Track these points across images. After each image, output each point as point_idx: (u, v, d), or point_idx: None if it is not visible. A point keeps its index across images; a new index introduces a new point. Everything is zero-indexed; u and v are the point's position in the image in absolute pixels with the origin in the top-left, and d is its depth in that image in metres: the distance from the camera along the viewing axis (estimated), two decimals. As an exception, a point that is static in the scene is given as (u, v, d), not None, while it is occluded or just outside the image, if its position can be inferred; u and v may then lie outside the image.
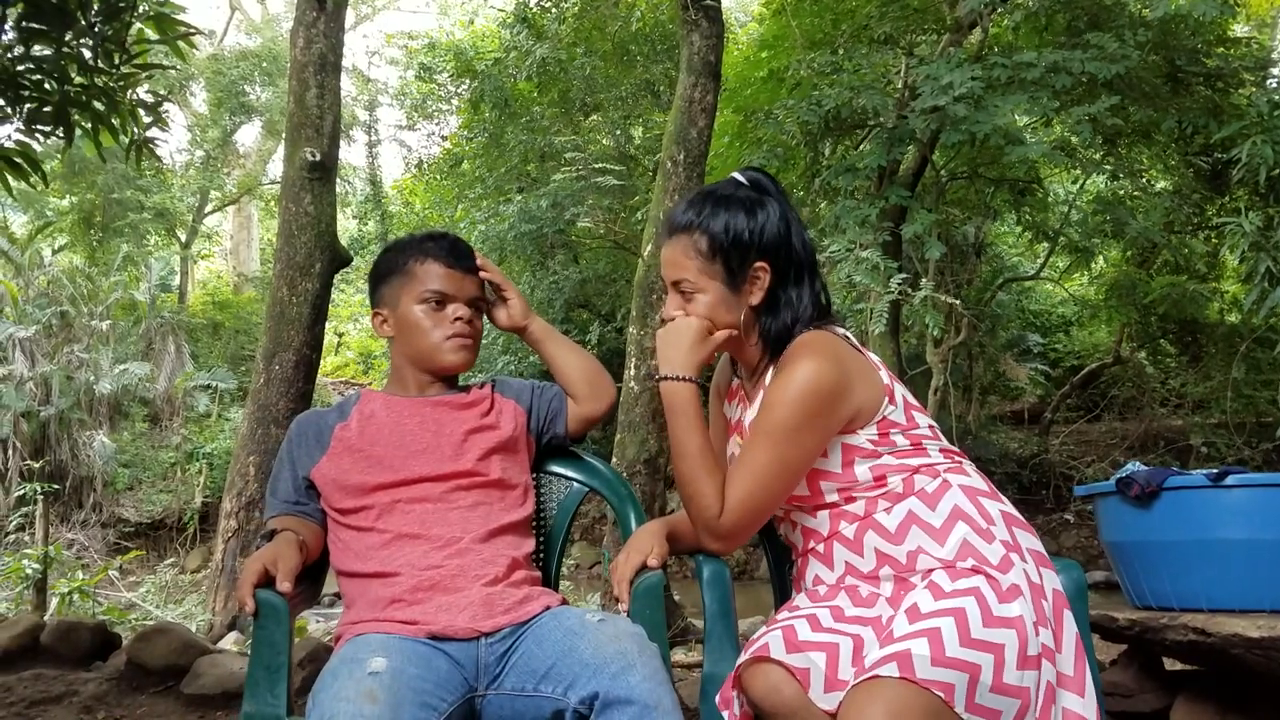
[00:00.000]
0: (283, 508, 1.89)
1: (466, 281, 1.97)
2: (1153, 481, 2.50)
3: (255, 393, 6.47)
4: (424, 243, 1.99)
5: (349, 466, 1.85)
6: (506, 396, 2.03)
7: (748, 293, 1.78)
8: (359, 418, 1.92)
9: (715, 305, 1.77)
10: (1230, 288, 10.65)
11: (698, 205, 1.81)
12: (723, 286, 1.77)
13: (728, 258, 1.76)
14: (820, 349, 1.68)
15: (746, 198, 1.80)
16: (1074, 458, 11.78)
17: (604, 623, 1.64)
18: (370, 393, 2.00)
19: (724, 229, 1.76)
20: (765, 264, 1.77)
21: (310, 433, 1.93)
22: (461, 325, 1.94)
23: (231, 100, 19.57)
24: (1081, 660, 1.57)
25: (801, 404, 1.63)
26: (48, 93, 4.10)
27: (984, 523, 1.64)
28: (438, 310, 1.93)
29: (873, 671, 1.43)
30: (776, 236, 1.78)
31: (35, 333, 13.85)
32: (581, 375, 2.05)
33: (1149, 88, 6.98)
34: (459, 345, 1.94)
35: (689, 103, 6.00)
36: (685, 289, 1.78)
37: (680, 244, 1.79)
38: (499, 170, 13.42)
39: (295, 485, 1.90)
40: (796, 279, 1.80)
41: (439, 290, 1.93)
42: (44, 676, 3.65)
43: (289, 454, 1.93)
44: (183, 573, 12.51)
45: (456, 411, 1.94)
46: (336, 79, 6.67)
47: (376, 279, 2.02)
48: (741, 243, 1.76)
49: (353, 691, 1.42)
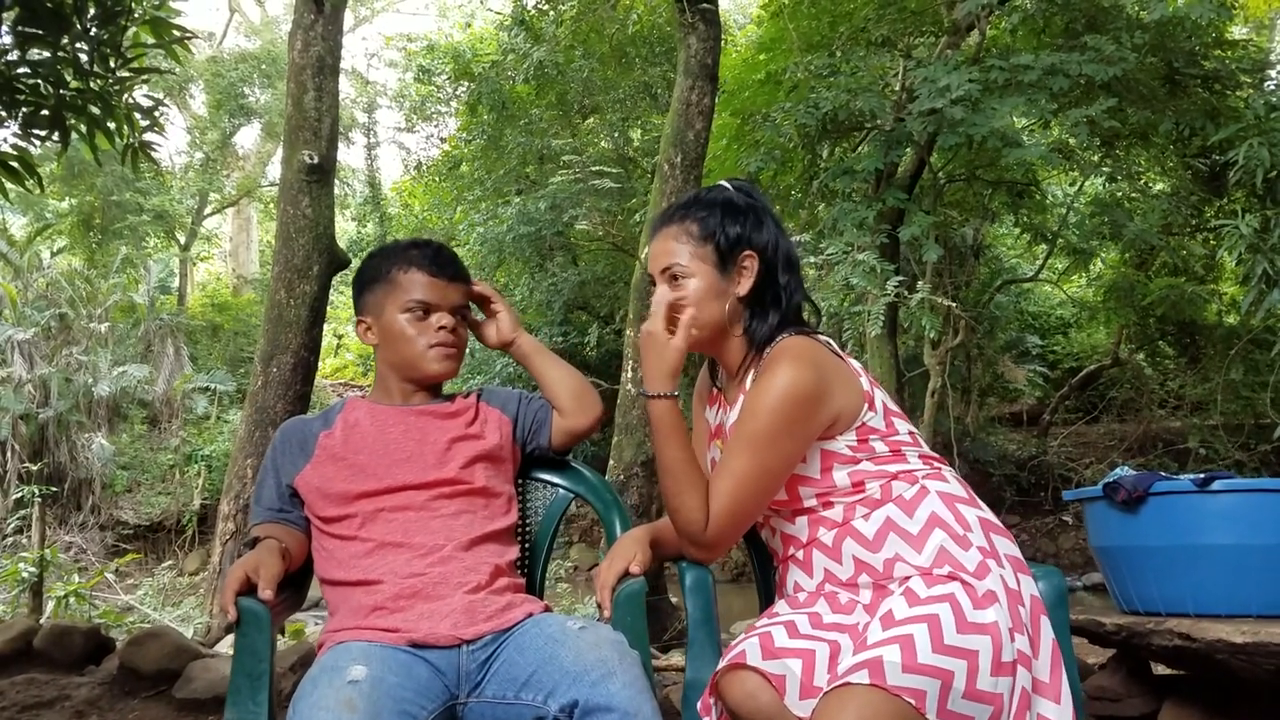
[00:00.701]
0: (267, 515, 1.89)
1: (450, 290, 1.97)
2: (1139, 486, 2.51)
3: (253, 395, 6.47)
4: (408, 250, 1.98)
5: (332, 474, 1.85)
6: (492, 405, 2.03)
7: (736, 282, 1.79)
8: (343, 426, 1.93)
9: (705, 291, 1.78)
10: (1228, 289, 10.64)
11: (689, 200, 1.85)
12: (713, 271, 1.78)
13: (719, 242, 1.78)
14: (800, 354, 1.68)
15: (735, 198, 1.83)
16: (1072, 459, 11.78)
17: (585, 630, 1.64)
18: (355, 400, 2.00)
19: (716, 215, 1.80)
20: (754, 254, 1.79)
21: (295, 440, 1.93)
22: (445, 335, 1.93)
23: (230, 102, 19.58)
24: (1058, 667, 1.57)
25: (781, 410, 1.63)
26: (43, 96, 4.11)
27: (961, 529, 1.64)
28: (421, 320, 1.93)
29: (844, 679, 1.43)
30: (765, 232, 1.81)
31: (34, 335, 13.87)
32: (567, 390, 2.05)
33: (1146, 90, 6.99)
34: (443, 355, 1.94)
35: (686, 105, 6.01)
36: (677, 272, 1.78)
37: (671, 232, 1.82)
38: (497, 172, 13.43)
39: (279, 493, 1.90)
40: (783, 277, 1.81)
41: (422, 300, 1.93)
42: (36, 681, 3.66)
43: (273, 461, 1.93)
44: (181, 575, 12.52)
45: (441, 420, 1.94)
46: (335, 81, 6.67)
47: (360, 286, 2.02)
48: (732, 230, 1.79)
49: (332, 700, 1.42)
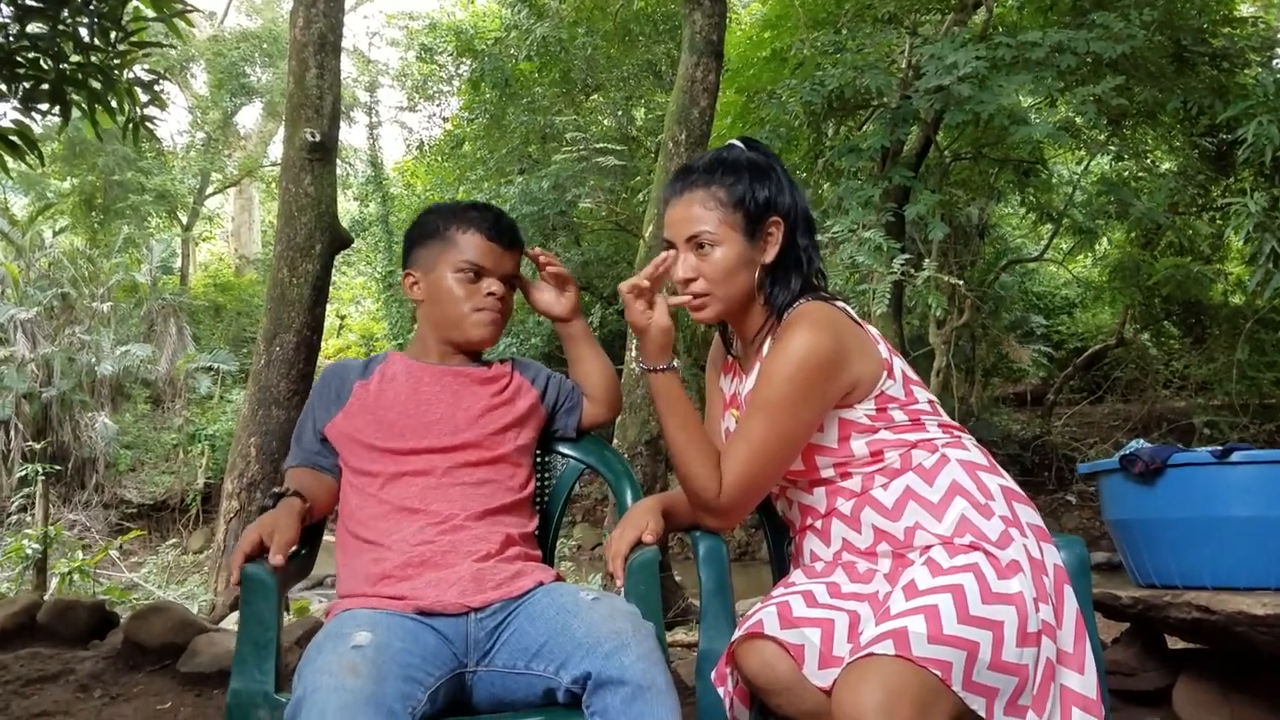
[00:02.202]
0: (303, 457, 1.90)
1: (505, 258, 1.94)
2: (1157, 458, 2.48)
3: (256, 374, 6.45)
4: (468, 211, 1.96)
5: (362, 426, 1.85)
6: (525, 377, 2.02)
7: (762, 249, 1.75)
8: (380, 378, 1.92)
9: (733, 260, 1.72)
10: (1235, 269, 10.59)
11: (710, 161, 1.78)
12: (742, 238, 1.73)
13: (749, 209, 1.73)
14: (817, 320, 1.65)
15: (754, 159, 1.78)
16: (1076, 439, 11.76)
17: (598, 601, 1.62)
18: (395, 355, 1.98)
19: (744, 180, 1.74)
20: (780, 220, 1.74)
21: (333, 385, 1.93)
22: (493, 301, 1.91)
23: (232, 81, 19.51)
24: (1082, 637, 1.54)
25: (798, 376, 1.60)
26: (44, 71, 4.08)
27: (982, 498, 1.61)
28: (472, 283, 1.91)
29: (868, 649, 1.40)
30: (787, 195, 1.76)
31: (36, 314, 13.85)
32: (603, 380, 2.08)
33: (1154, 67, 6.93)
34: (488, 320, 1.92)
35: (691, 82, 5.95)
36: (705, 240, 1.72)
37: (697, 196, 1.75)
38: (500, 151, 13.37)
39: (315, 436, 1.91)
40: (803, 240, 1.77)
41: (476, 262, 1.91)
42: (40, 655, 3.65)
43: (312, 405, 1.94)
44: (185, 553, 12.55)
45: (476, 384, 1.93)
46: (336, 59, 6.63)
47: (413, 240, 1.99)
48: (760, 195, 1.73)
49: (335, 665, 1.40)
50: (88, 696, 3.43)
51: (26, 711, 3.28)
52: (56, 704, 3.34)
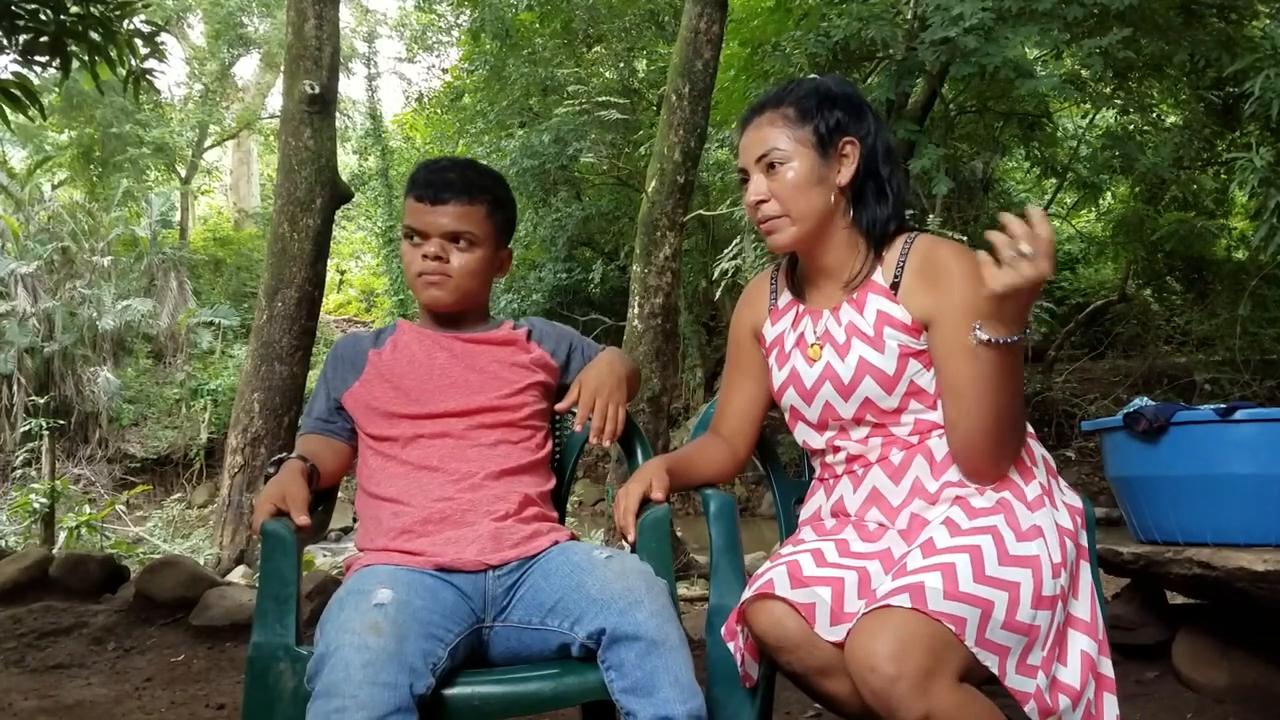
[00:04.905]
0: (315, 425, 1.92)
1: (437, 214, 1.86)
2: (1161, 416, 2.49)
3: (258, 329, 6.47)
4: (415, 173, 1.93)
5: (379, 393, 1.86)
6: (543, 344, 2.00)
7: (836, 169, 1.68)
8: (392, 347, 1.92)
9: (806, 176, 1.66)
10: (1239, 224, 10.55)
11: (778, 91, 1.73)
12: (814, 154, 1.67)
13: (818, 126, 1.67)
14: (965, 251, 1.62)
15: (832, 85, 1.73)
16: (1077, 395, 11.77)
17: (611, 559, 1.64)
18: (405, 323, 1.99)
19: (813, 100, 1.69)
20: (855, 141, 1.69)
21: (347, 357, 1.94)
22: (426, 263, 1.86)
23: (229, 32, 19.34)
24: (1094, 601, 1.58)
25: None
26: (43, 23, 4.04)
27: (1029, 462, 1.64)
28: (416, 246, 1.89)
29: (884, 601, 1.42)
30: (862, 115, 1.71)
31: (37, 268, 13.84)
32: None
33: (1161, 20, 6.85)
34: (426, 283, 1.88)
35: (694, 34, 5.89)
36: (775, 158, 1.66)
37: (766, 119, 1.70)
38: (500, 104, 13.27)
39: (328, 405, 1.92)
40: (885, 168, 1.71)
41: (411, 225, 1.88)
42: (54, 609, 3.70)
43: (325, 376, 1.95)
44: (189, 508, 12.64)
45: (489, 348, 1.92)
46: (335, 9, 6.57)
47: None
48: (830, 115, 1.67)
49: (358, 623, 1.43)
50: (101, 649, 3.48)
51: (42, 664, 3.33)
52: (71, 656, 3.39)
